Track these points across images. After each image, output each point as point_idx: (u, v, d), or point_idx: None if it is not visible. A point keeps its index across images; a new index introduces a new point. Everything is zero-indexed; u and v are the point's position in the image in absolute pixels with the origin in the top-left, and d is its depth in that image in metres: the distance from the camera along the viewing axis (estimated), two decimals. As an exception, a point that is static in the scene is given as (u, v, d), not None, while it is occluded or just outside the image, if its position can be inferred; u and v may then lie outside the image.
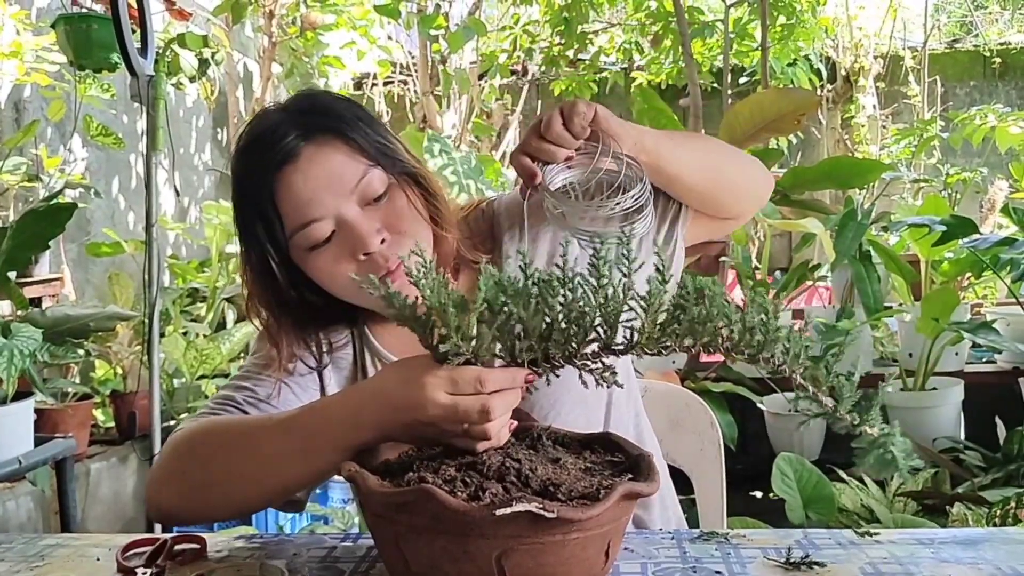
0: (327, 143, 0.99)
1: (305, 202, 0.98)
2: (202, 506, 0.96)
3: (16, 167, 3.08)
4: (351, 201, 0.99)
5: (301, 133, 0.99)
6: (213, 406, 1.04)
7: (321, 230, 0.98)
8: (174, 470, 0.97)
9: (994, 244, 2.71)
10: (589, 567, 0.74)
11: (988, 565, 0.83)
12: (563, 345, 0.78)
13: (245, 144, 1.03)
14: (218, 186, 4.92)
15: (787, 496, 2.56)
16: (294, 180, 0.98)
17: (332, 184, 0.98)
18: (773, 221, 2.97)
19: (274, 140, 0.99)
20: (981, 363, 3.56)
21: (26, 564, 0.94)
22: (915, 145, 5.04)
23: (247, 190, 1.01)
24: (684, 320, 0.76)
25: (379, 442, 0.85)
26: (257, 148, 1.01)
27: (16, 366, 2.06)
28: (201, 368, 3.26)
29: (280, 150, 0.98)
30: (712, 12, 5.55)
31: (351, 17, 4.85)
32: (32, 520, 2.60)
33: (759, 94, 3.54)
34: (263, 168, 0.99)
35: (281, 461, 0.89)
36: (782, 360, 0.76)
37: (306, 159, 0.98)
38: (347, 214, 0.98)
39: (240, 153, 1.04)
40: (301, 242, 1.00)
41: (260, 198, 0.99)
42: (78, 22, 2.87)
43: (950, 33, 6.67)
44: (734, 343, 0.76)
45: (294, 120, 1.00)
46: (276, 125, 1.00)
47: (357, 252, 0.99)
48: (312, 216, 0.98)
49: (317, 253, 1.00)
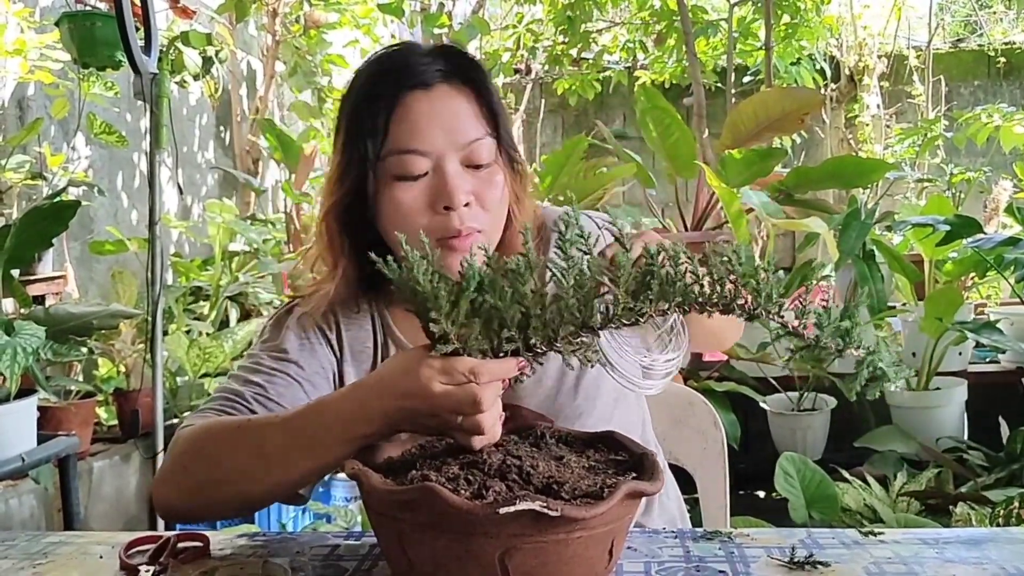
0: (462, 91, 1.01)
1: (418, 130, 0.98)
2: (208, 503, 0.95)
3: (20, 165, 3.08)
4: (457, 154, 0.99)
5: (443, 69, 1.00)
6: (221, 402, 1.02)
7: (418, 165, 0.98)
8: (179, 469, 0.96)
9: (998, 244, 2.71)
10: (592, 566, 0.74)
11: (992, 565, 0.83)
12: (542, 331, 0.78)
13: (387, 54, 1.04)
14: (221, 184, 4.92)
15: (790, 495, 2.56)
16: (418, 105, 0.98)
17: (450, 129, 0.99)
18: (777, 220, 2.96)
19: (415, 63, 1.00)
20: (984, 363, 3.55)
21: (29, 562, 0.94)
22: (919, 145, 5.03)
23: (368, 93, 1.01)
24: (654, 284, 0.76)
25: (388, 433, 0.85)
26: (395, 62, 1.02)
27: (19, 364, 2.06)
28: (204, 366, 3.26)
29: (418, 73, 0.99)
30: (716, 11, 5.55)
31: (354, 15, 4.85)
32: (35, 518, 2.60)
33: (763, 93, 3.54)
34: (395, 81, 0.99)
35: (287, 458, 0.89)
36: (756, 304, 0.76)
37: (438, 93, 0.99)
38: (448, 164, 0.98)
39: (378, 60, 1.04)
40: (393, 167, 0.99)
41: (378, 106, 0.99)
42: (82, 20, 2.87)
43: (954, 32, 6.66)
44: (707, 297, 0.77)
45: (440, 57, 1.02)
46: (422, 53, 1.02)
47: (439, 204, 0.98)
48: (417, 147, 0.98)
49: (402, 185, 0.99)
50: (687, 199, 3.94)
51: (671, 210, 4.28)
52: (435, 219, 0.98)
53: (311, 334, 1.08)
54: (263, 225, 4.33)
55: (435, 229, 0.98)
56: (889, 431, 3.16)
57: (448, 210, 0.98)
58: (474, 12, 5.22)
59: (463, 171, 0.99)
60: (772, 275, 0.76)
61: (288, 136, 4.57)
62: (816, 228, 2.90)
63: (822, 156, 5.48)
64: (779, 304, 0.76)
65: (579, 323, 0.78)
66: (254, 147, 4.98)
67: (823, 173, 3.33)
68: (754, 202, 2.95)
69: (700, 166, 3.33)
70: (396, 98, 0.99)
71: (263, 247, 3.99)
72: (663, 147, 3.52)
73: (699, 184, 3.66)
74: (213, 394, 1.05)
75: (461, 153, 0.99)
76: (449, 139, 0.98)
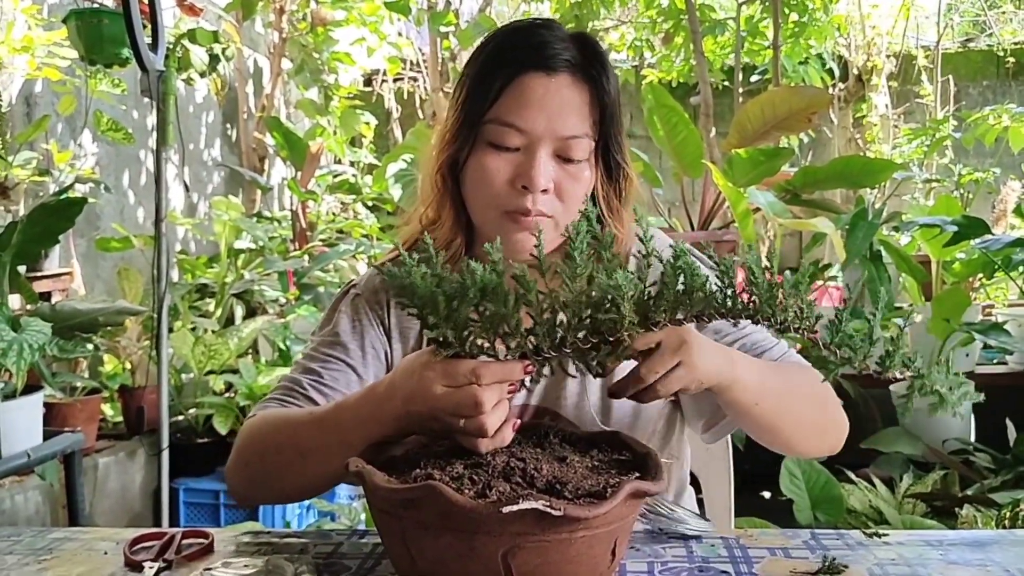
0: (582, 86, 1.02)
1: (525, 109, 1.00)
2: (268, 492, 1.02)
3: (27, 162, 3.09)
4: (553, 143, 1.01)
5: (571, 60, 1.02)
6: (283, 391, 1.06)
7: (513, 138, 1.01)
8: (240, 461, 1.02)
9: (1006, 245, 2.69)
10: (595, 565, 0.74)
11: (996, 567, 0.83)
12: (547, 336, 0.78)
13: (526, 25, 1.06)
14: (227, 182, 4.93)
15: (795, 497, 2.55)
16: (534, 86, 1.00)
17: (555, 117, 1.00)
18: (783, 220, 2.95)
19: (548, 45, 1.01)
20: (992, 364, 3.53)
21: (34, 557, 0.94)
22: (927, 145, 5.01)
23: (495, 59, 1.03)
24: (668, 295, 0.76)
25: (402, 435, 0.86)
26: (531, 39, 1.03)
27: (25, 360, 2.06)
28: (209, 363, 3.27)
29: (546, 56, 1.01)
30: (724, 10, 5.53)
31: (361, 13, 4.85)
32: (40, 514, 2.61)
33: (770, 92, 3.53)
34: (523, 56, 1.01)
35: (321, 455, 0.91)
36: (782, 319, 0.75)
37: (558, 80, 1.01)
38: (541, 148, 1.00)
39: (512, 31, 1.06)
40: (490, 133, 1.01)
41: (499, 75, 1.01)
42: (89, 17, 2.87)
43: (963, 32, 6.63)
44: (728, 308, 0.76)
45: (574, 46, 1.03)
46: (559, 39, 1.03)
47: (519, 181, 1.00)
48: (519, 125, 1.00)
49: (493, 153, 1.02)
50: (693, 198, 3.93)
51: (677, 209, 4.27)
52: (511, 193, 1.01)
53: (363, 315, 1.12)
54: (269, 222, 4.33)
55: (508, 201, 1.01)
56: (895, 432, 3.14)
57: (525, 190, 1.00)
58: (481, 10, 5.21)
59: (552, 160, 1.01)
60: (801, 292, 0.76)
61: (294, 134, 4.58)
62: (823, 228, 2.89)
63: (829, 156, 5.47)
64: (812, 318, 0.76)
65: (589, 330, 0.78)
66: (260, 145, 4.98)
67: (830, 173, 3.31)
68: (761, 202, 2.94)
69: (707, 165, 3.32)
70: (518, 73, 1.01)
71: (269, 245, 4.00)
72: (670, 146, 3.51)
73: (706, 183, 3.66)
74: (280, 382, 1.10)
75: (557, 143, 1.01)
76: (550, 126, 1.00)
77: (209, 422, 3.16)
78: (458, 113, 1.05)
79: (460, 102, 1.05)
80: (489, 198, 1.02)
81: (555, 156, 1.01)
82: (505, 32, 1.07)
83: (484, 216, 1.05)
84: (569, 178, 1.02)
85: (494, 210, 1.02)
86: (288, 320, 3.56)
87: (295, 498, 1.05)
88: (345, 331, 1.10)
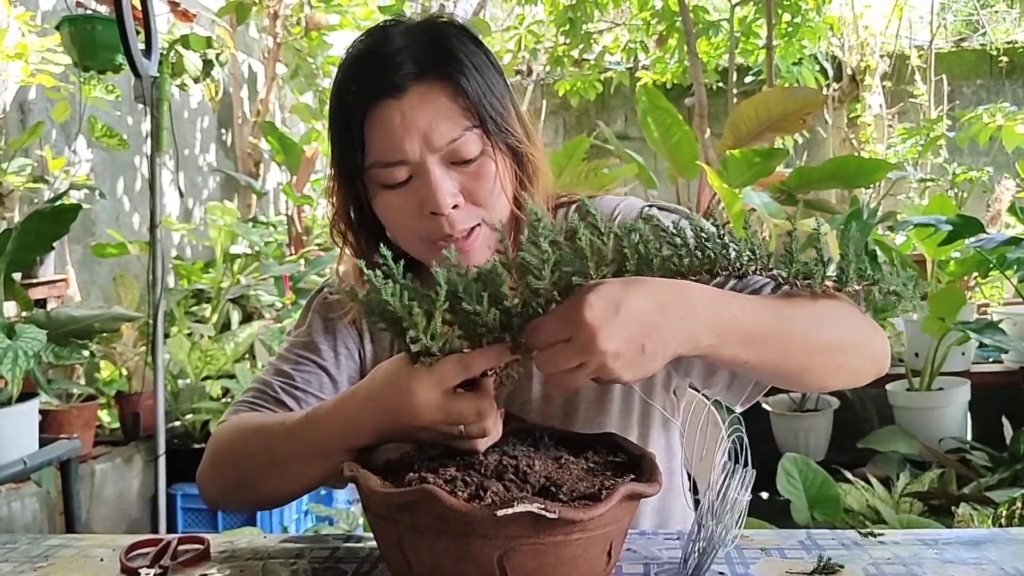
0: (437, 87, 0.95)
1: (395, 143, 0.95)
2: (242, 499, 1.02)
3: (21, 168, 3.08)
4: (438, 156, 0.95)
5: (415, 71, 0.95)
6: (254, 394, 1.05)
7: (398, 174, 0.96)
8: (212, 467, 1.00)
9: (1000, 244, 2.70)
10: (591, 568, 0.74)
11: (992, 565, 0.83)
12: (524, 328, 0.77)
13: (357, 56, 1.00)
14: (223, 187, 4.93)
15: (792, 497, 2.55)
16: (391, 116, 0.95)
17: (426, 134, 0.94)
18: (778, 221, 2.96)
19: (386, 66, 0.95)
20: (987, 363, 3.54)
21: (30, 564, 0.94)
22: (921, 144, 5.03)
23: (343, 103, 0.99)
24: (629, 264, 0.77)
25: (382, 442, 0.85)
26: (366, 67, 0.97)
27: (21, 367, 2.06)
28: (206, 369, 3.26)
29: (388, 80, 0.95)
30: (717, 11, 5.55)
31: (355, 17, 4.85)
32: (37, 521, 2.60)
33: (765, 93, 3.53)
34: (365, 90, 0.96)
35: (293, 465, 0.91)
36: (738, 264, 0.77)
37: (410, 100, 0.94)
38: (431, 168, 0.95)
39: (348, 65, 1.00)
40: (376, 177, 0.98)
41: (352, 119, 0.97)
42: (83, 24, 2.87)
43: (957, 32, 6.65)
44: (687, 266, 0.77)
45: (413, 52, 0.96)
46: (394, 52, 0.96)
47: (425, 209, 0.96)
48: (396, 158, 0.95)
49: (389, 192, 0.98)
50: (689, 199, 3.94)
51: (673, 211, 4.27)
52: (425, 223, 0.97)
53: (336, 315, 1.10)
54: (264, 227, 4.33)
55: (427, 232, 0.98)
56: (892, 432, 3.15)
57: (435, 215, 0.96)
58: (475, 13, 5.22)
59: (447, 171, 0.96)
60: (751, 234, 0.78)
61: (289, 138, 4.58)
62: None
63: (824, 156, 5.48)
64: (766, 256, 0.77)
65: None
66: (255, 149, 4.98)
67: (825, 173, 3.32)
68: (756, 202, 2.95)
69: (702, 166, 3.33)
70: (367, 109, 0.96)
71: (264, 249, 3.99)
72: (665, 147, 3.52)
73: (701, 184, 3.66)
74: (252, 383, 1.09)
75: (441, 154, 0.95)
76: (426, 143, 0.95)
77: (206, 427, 3.16)
78: (338, 169, 1.02)
79: (335, 159, 1.02)
80: (407, 232, 0.99)
81: (450, 164, 0.96)
82: (344, 70, 1.00)
83: (411, 248, 1.01)
84: (473, 179, 0.97)
85: (418, 242, 0.99)
86: (284, 325, 3.55)
87: (269, 505, 1.04)
88: (318, 331, 1.09)
